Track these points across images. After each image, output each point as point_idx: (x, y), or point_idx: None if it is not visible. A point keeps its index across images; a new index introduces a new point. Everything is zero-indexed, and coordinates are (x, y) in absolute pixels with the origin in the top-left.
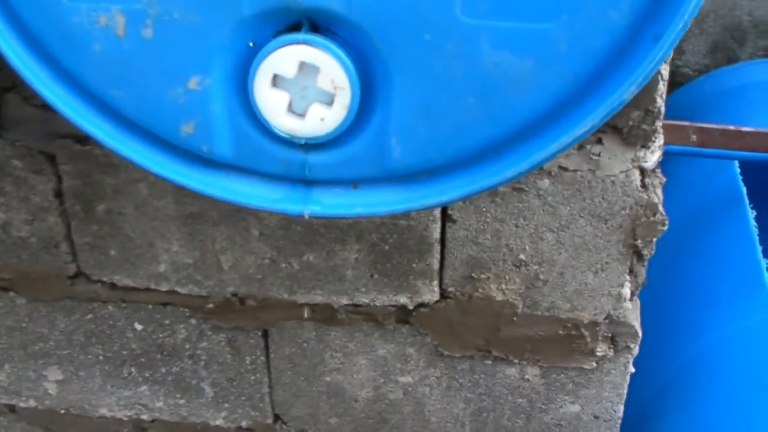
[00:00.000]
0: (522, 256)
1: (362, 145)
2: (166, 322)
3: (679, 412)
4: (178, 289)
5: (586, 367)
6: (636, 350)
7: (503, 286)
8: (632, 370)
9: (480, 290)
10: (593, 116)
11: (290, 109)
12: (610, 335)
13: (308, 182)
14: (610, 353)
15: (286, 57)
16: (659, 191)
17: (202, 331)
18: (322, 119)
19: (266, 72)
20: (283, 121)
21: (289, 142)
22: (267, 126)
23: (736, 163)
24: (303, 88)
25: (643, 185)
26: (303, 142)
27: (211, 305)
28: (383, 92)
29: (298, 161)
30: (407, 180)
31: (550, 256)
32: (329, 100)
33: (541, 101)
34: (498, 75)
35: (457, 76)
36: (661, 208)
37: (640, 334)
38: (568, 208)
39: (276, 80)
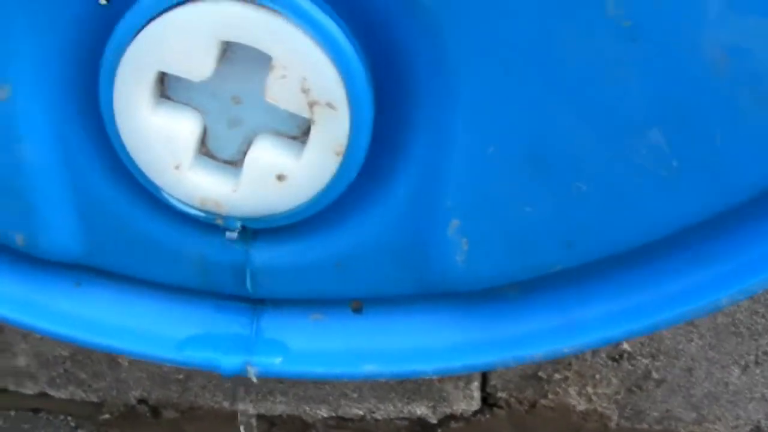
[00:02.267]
0: (625, 345)
1: (375, 231)
2: None
3: None
4: (52, 393)
5: None
6: None
7: (590, 390)
8: None
9: (550, 395)
10: None
11: (205, 149)
12: None
13: (253, 303)
14: None
15: (188, 30)
16: None
17: None
18: (281, 177)
19: (141, 67)
20: (186, 180)
21: (206, 224)
22: (151, 190)
23: None
24: (233, 104)
25: None
26: (237, 225)
27: (106, 415)
28: (435, 114)
29: (228, 263)
30: (478, 300)
31: (674, 345)
32: (296, 131)
33: None
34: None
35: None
36: None
37: None
38: None
39: (168, 86)
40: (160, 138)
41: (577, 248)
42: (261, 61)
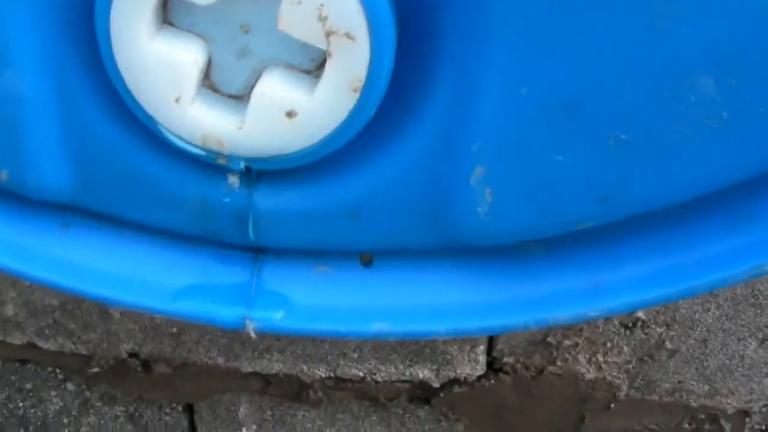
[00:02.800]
0: (639, 313)
1: (390, 177)
2: (27, 386)
3: None
4: (40, 344)
5: None
6: None
7: (600, 358)
8: None
9: (558, 362)
10: None
11: (209, 82)
12: (763, 428)
13: (255, 253)
14: None
15: None
16: None
17: (86, 400)
18: (291, 113)
19: None
20: (187, 115)
21: (207, 165)
22: (149, 125)
23: None
24: (241, 32)
25: None
26: (240, 165)
27: (96, 369)
28: (463, 49)
29: (229, 207)
30: (499, 256)
31: (690, 314)
32: (309, 64)
33: None
34: None
35: None
36: None
37: None
38: None
39: (171, 10)
40: (161, 67)
41: (611, 203)
42: None
